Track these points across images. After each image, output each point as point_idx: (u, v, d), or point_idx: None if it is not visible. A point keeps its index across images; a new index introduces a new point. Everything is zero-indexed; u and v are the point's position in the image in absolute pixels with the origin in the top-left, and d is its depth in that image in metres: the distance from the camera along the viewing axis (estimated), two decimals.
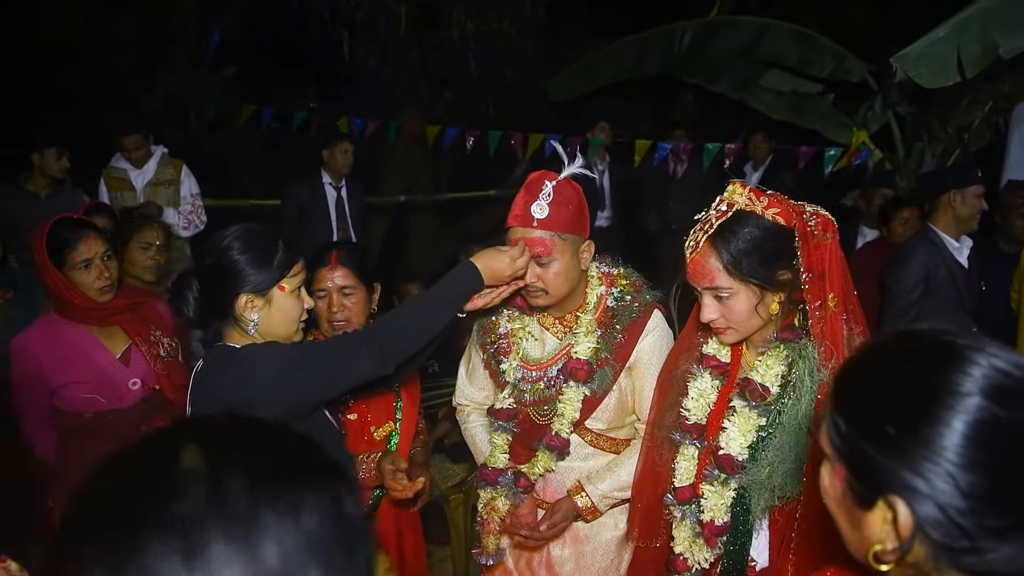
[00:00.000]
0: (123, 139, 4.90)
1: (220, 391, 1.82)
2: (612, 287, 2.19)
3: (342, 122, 6.67)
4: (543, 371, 2.19)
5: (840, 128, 5.65)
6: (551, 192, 2.01)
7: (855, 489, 0.93)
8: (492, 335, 2.26)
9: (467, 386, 2.41)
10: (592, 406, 2.16)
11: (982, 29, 4.13)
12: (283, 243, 1.91)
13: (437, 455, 4.16)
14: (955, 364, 0.88)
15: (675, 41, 6.19)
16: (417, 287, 4.79)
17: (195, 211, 5.09)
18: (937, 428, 0.85)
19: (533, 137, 6.32)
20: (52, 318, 2.70)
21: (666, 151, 6.38)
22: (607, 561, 2.26)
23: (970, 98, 5.23)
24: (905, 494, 0.87)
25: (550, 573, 2.28)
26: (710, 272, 1.72)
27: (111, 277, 2.66)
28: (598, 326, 2.14)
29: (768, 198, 1.71)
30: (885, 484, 0.89)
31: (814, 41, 5.73)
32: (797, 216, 1.68)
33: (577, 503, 2.17)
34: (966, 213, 3.63)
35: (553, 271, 2.04)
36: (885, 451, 0.88)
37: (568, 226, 2.04)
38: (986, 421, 0.85)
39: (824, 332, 1.67)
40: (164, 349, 2.80)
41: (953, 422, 0.85)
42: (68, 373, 2.63)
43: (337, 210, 5.61)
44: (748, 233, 1.68)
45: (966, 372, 0.87)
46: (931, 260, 3.63)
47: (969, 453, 0.84)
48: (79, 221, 2.72)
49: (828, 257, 1.66)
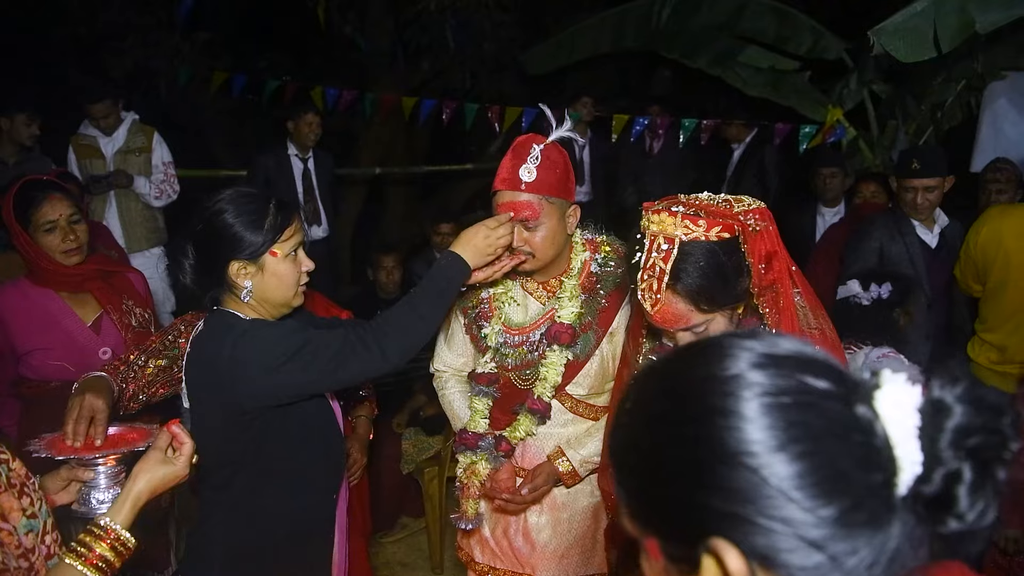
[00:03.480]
0: (91, 106, 4.77)
1: (214, 361, 1.83)
2: (596, 253, 2.20)
3: (316, 92, 6.57)
4: (526, 335, 2.20)
5: (816, 105, 5.66)
6: (539, 155, 2.01)
7: (674, 555, 0.75)
8: (474, 299, 2.27)
9: (445, 352, 2.40)
10: (575, 370, 2.17)
11: (959, 4, 4.15)
12: (275, 206, 1.88)
13: (412, 428, 4.17)
14: (716, 355, 0.76)
15: (654, 15, 6.16)
16: (392, 259, 4.77)
17: (167, 180, 4.99)
18: (729, 426, 0.71)
19: (510, 110, 6.27)
20: (22, 283, 2.65)
21: (643, 126, 6.37)
22: (583, 528, 2.28)
23: (943, 76, 5.27)
24: (723, 528, 0.70)
25: (527, 540, 2.29)
26: (682, 316, 1.64)
27: (77, 240, 2.60)
28: (582, 291, 2.16)
29: (705, 218, 1.60)
30: (697, 530, 0.72)
31: (792, 18, 5.73)
32: (737, 221, 1.61)
33: (558, 467, 2.18)
34: (906, 200, 3.70)
35: (541, 235, 2.05)
36: (679, 488, 0.73)
37: (555, 190, 2.04)
38: (773, 392, 0.71)
39: (779, 318, 1.63)
40: (136, 319, 2.77)
41: (743, 409, 0.71)
42: (36, 339, 2.59)
43: (304, 182, 5.55)
44: (704, 266, 1.59)
45: (730, 356, 0.75)
46: (886, 234, 3.68)
47: (775, 438, 0.69)
48: (48, 182, 2.67)
49: (771, 242, 1.62)
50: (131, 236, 4.92)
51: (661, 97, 7.71)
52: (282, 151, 5.50)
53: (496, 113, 6.31)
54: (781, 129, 5.66)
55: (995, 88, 5.10)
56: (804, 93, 5.73)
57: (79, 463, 1.71)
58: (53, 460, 1.71)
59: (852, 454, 0.69)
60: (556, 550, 2.28)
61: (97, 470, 1.70)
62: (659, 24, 6.13)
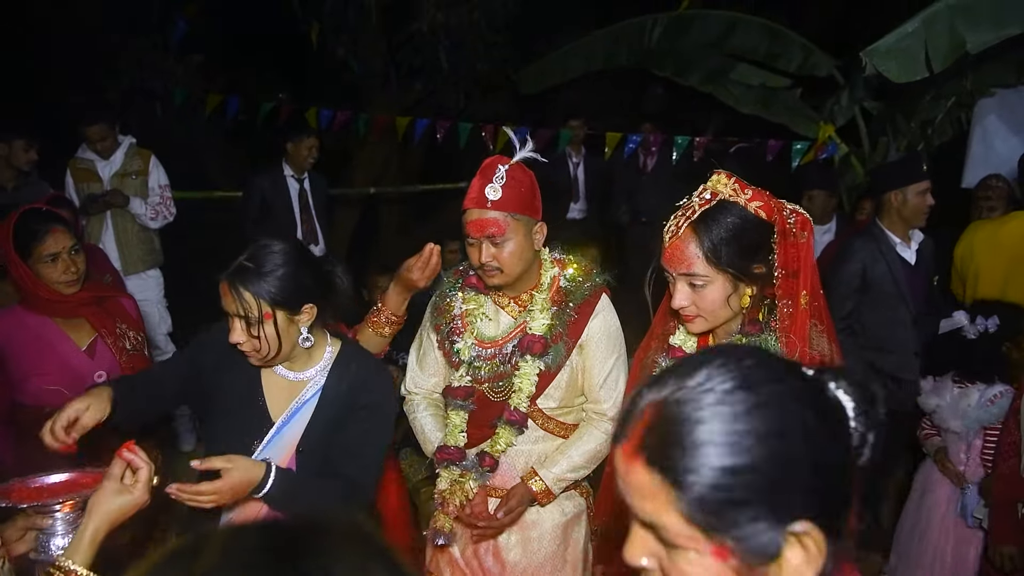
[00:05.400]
0: (88, 129, 4.79)
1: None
2: (564, 270, 2.30)
3: (311, 113, 6.59)
4: (498, 348, 2.28)
5: (807, 122, 5.70)
6: (504, 175, 2.13)
7: (751, 549, 0.82)
8: (446, 316, 2.35)
9: (417, 374, 2.45)
10: (546, 381, 2.26)
11: (950, 24, 4.19)
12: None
13: (406, 448, 4.15)
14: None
15: (645, 34, 6.21)
16: (387, 279, 4.76)
17: (163, 203, 5.00)
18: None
19: (503, 129, 6.31)
20: (16, 310, 2.67)
21: (636, 143, 6.40)
22: (553, 547, 2.33)
23: (934, 93, 5.31)
24: (808, 510, 0.82)
25: (497, 559, 2.33)
26: (688, 258, 1.73)
27: (78, 271, 2.62)
28: (552, 304, 2.25)
29: (752, 191, 1.73)
30: (788, 516, 0.82)
31: (782, 35, 5.78)
32: (778, 212, 1.71)
33: (532, 487, 2.24)
34: (908, 212, 3.63)
35: (508, 250, 2.15)
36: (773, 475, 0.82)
37: (520, 207, 2.15)
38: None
39: (790, 328, 1.69)
40: (130, 342, 2.78)
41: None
42: (31, 364, 2.60)
43: (300, 202, 5.56)
44: (730, 223, 1.70)
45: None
46: (869, 256, 3.66)
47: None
48: (48, 213, 2.69)
49: (802, 255, 1.69)
50: (127, 258, 4.91)
51: (654, 114, 7.75)
52: (278, 172, 5.51)
53: (490, 132, 6.34)
54: (773, 146, 5.70)
55: (985, 105, 5.15)
56: (795, 110, 5.77)
57: (35, 510, 1.64)
58: (11, 508, 1.65)
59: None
60: (526, 569, 2.31)
61: (55, 516, 1.63)
62: (651, 42, 6.18)
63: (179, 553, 0.63)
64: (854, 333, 3.67)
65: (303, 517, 0.65)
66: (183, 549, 0.63)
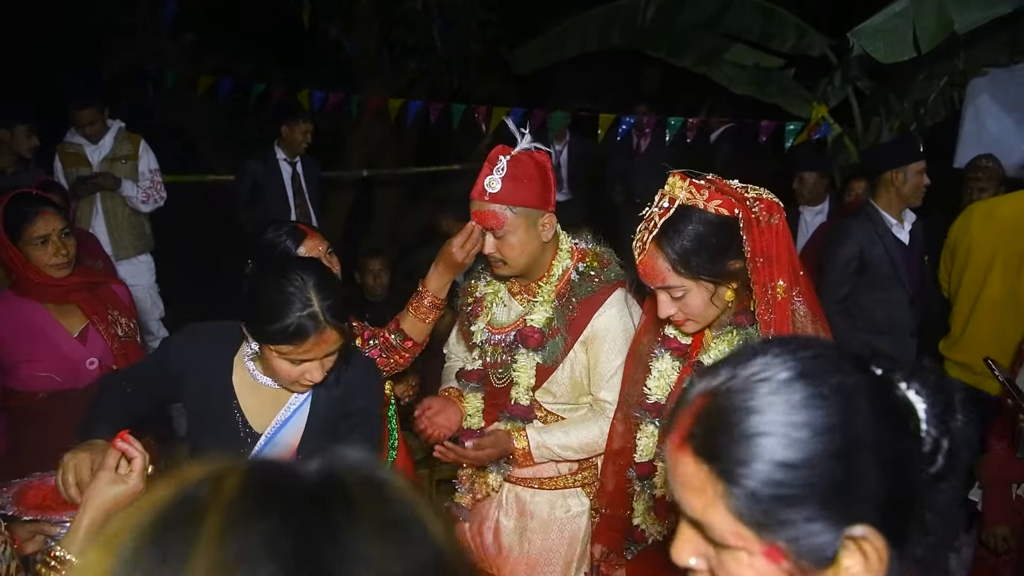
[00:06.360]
0: (77, 113, 4.76)
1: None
2: (581, 262, 2.23)
3: (303, 95, 6.55)
4: (503, 335, 2.26)
5: (801, 102, 5.69)
6: (504, 167, 2.06)
7: (806, 552, 0.77)
8: (469, 298, 2.36)
9: (455, 343, 2.54)
10: (545, 374, 2.22)
11: (938, 4, 4.17)
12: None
13: (403, 432, 4.16)
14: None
15: (639, 13, 6.17)
16: (379, 262, 4.77)
17: (154, 187, 4.98)
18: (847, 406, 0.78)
19: (497, 110, 6.27)
20: (7, 295, 2.66)
21: (630, 125, 6.38)
22: (547, 540, 2.31)
23: (926, 73, 5.30)
24: (869, 513, 0.77)
25: (496, 539, 2.36)
26: (660, 273, 1.72)
27: (68, 254, 2.62)
28: (556, 297, 2.19)
29: (708, 189, 1.69)
30: (846, 518, 0.77)
31: (776, 15, 5.75)
32: (739, 203, 1.67)
33: (513, 442, 2.19)
34: (908, 191, 3.63)
35: (509, 243, 2.11)
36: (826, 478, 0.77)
37: (520, 200, 2.07)
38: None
39: (771, 319, 1.67)
40: (122, 329, 2.78)
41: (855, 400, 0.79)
42: (22, 350, 2.59)
43: (294, 186, 5.53)
44: (692, 230, 1.67)
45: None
46: (866, 237, 3.65)
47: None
48: (38, 196, 2.69)
49: (775, 240, 1.66)
50: (118, 243, 4.89)
51: (648, 95, 7.71)
52: (270, 155, 5.48)
53: (483, 113, 6.32)
54: (767, 126, 5.69)
55: (977, 84, 5.14)
56: (789, 90, 5.75)
57: (40, 524, 1.67)
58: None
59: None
60: (519, 557, 2.32)
61: (65, 526, 1.63)
62: (644, 22, 6.14)
63: (200, 481, 0.58)
64: (850, 315, 3.67)
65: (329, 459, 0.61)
66: (205, 477, 0.58)
